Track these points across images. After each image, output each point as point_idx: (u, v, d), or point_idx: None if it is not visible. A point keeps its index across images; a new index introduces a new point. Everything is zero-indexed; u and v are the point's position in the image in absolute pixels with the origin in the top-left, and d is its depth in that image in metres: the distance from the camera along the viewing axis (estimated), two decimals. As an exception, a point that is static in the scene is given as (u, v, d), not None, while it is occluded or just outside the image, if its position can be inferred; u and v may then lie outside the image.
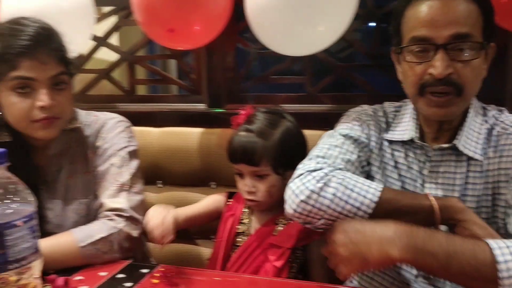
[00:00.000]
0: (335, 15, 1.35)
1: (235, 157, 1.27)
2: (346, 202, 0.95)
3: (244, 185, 1.27)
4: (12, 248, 0.68)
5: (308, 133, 1.47)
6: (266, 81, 1.76)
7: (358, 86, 1.68)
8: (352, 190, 0.96)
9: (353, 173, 1.05)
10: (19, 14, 1.23)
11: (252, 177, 1.26)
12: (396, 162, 1.11)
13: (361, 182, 0.98)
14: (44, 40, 1.17)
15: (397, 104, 1.19)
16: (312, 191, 0.97)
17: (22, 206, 0.71)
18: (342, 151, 1.08)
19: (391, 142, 1.13)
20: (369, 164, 1.13)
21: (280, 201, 1.31)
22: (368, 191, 0.96)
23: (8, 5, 1.57)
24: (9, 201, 0.70)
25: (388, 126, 1.15)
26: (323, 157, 1.06)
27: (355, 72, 1.66)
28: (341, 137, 1.11)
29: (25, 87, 1.14)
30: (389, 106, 1.20)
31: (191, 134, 1.63)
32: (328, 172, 0.99)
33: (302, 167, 1.04)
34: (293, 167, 1.29)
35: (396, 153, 1.12)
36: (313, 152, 1.09)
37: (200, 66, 1.76)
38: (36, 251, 0.73)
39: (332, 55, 1.69)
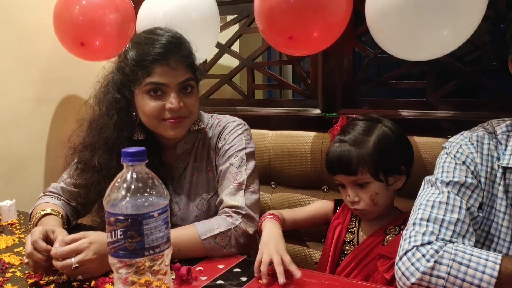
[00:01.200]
0: (462, 17, 1.28)
1: (332, 168, 1.28)
2: (463, 280, 0.87)
3: (347, 195, 1.27)
4: (148, 237, 0.77)
5: (426, 140, 1.42)
6: (384, 86, 1.72)
7: (486, 91, 1.57)
8: (467, 266, 0.88)
9: (466, 232, 0.96)
10: (154, 24, 1.37)
11: (353, 187, 1.25)
12: (509, 192, 0.99)
13: (477, 254, 0.89)
14: (175, 48, 1.28)
15: (508, 121, 1.06)
16: (424, 273, 0.90)
17: (157, 199, 0.80)
18: (449, 209, 0.98)
19: (505, 169, 1.00)
20: (481, 207, 1.01)
21: (388, 209, 1.29)
22: (486, 265, 0.86)
23: (143, 17, 1.74)
24: (147, 194, 0.79)
25: (499, 151, 1.03)
26: (427, 220, 0.97)
27: (482, 77, 1.55)
28: (444, 188, 1.01)
29: (158, 91, 1.27)
30: (498, 125, 1.06)
31: (305, 138, 1.67)
32: (438, 248, 0.91)
33: (408, 240, 0.97)
34: (396, 172, 1.25)
35: (511, 182, 0.99)
36: (418, 214, 1.00)
37: (316, 71, 1.78)
38: (167, 240, 0.81)
39: (457, 58, 1.60)
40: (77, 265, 1.06)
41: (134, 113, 1.34)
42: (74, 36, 1.82)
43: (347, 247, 1.31)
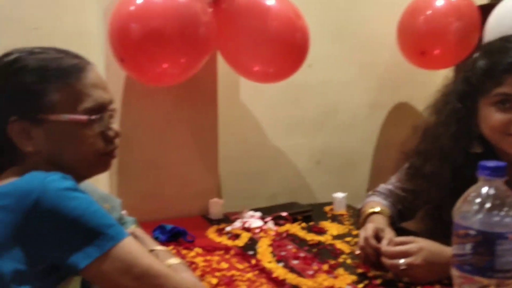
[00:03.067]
0: None
1: None
2: None
3: None
4: (500, 258, 0.72)
5: None
6: None
7: None
8: None
9: None
10: (507, 32, 1.27)
11: None
12: None
13: None
14: None
15: None
16: None
17: (513, 220, 0.74)
18: None
19: None
20: None
21: None
22: None
23: (495, 24, 1.63)
24: (503, 213, 0.74)
25: None
26: None
27: None
28: None
29: (506, 102, 1.17)
30: None
31: None
32: None
33: None
34: None
35: None
36: None
37: None
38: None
39: None
40: (404, 267, 1.09)
41: (474, 125, 1.28)
42: (416, 45, 1.87)
43: None
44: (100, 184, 1.52)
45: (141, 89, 1.61)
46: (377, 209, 1.43)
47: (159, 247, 1.01)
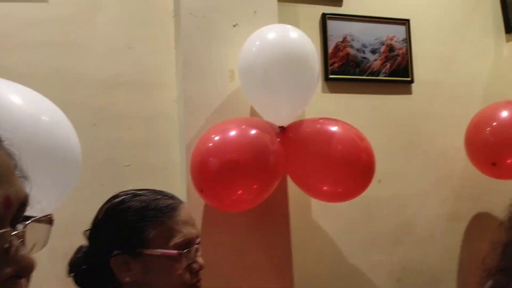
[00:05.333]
0: None
1: None
2: None
3: None
4: None
5: None
6: None
7: None
8: None
9: None
10: None
11: None
12: None
13: None
14: None
15: None
16: None
17: None
18: None
19: None
20: None
21: None
22: None
23: None
24: None
25: None
26: None
27: None
28: None
29: None
30: None
31: None
32: None
33: None
34: None
35: None
36: None
37: None
38: None
39: None
40: None
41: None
42: (486, 156, 1.86)
43: None
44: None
45: (218, 215, 1.73)
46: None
47: None
